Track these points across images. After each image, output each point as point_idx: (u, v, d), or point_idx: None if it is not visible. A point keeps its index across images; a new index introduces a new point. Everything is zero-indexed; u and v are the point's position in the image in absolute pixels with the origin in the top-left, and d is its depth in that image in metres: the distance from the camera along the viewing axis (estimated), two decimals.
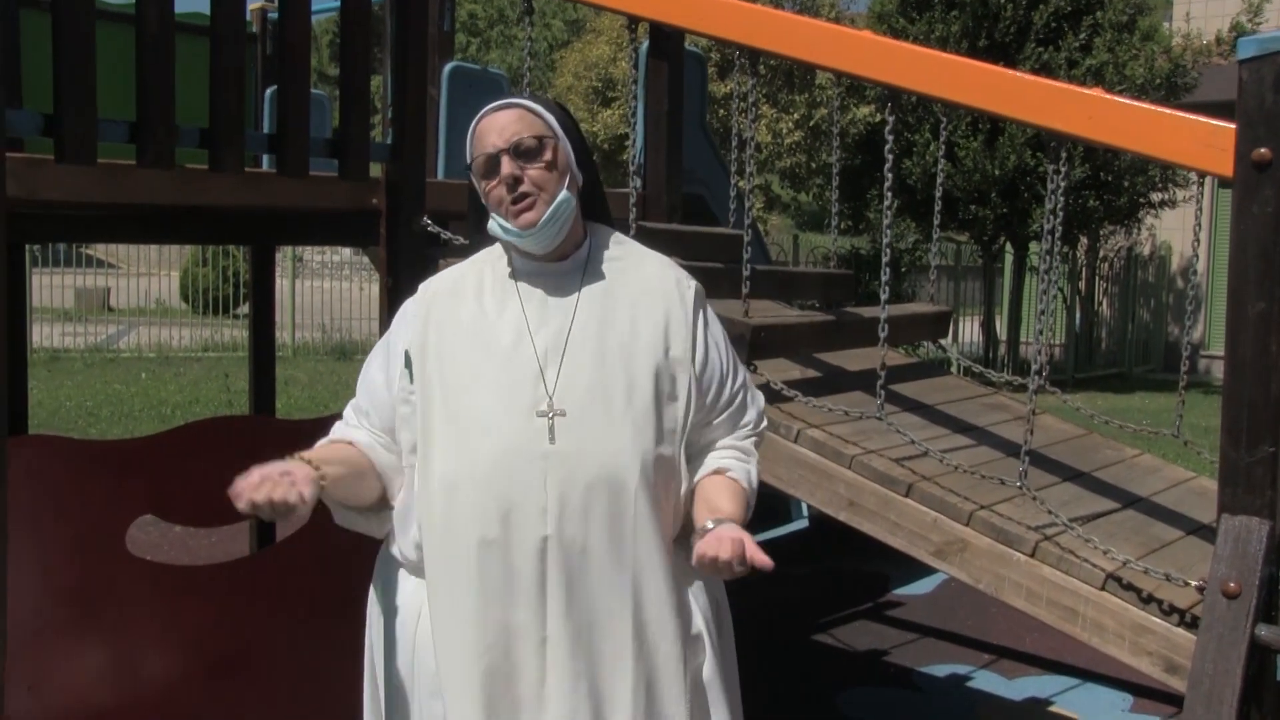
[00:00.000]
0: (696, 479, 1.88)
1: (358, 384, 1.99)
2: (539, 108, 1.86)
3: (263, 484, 1.65)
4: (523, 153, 1.81)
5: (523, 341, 1.82)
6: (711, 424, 1.92)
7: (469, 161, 1.87)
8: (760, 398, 2.02)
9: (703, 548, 1.68)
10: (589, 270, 1.89)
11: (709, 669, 1.89)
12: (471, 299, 1.88)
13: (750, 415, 1.97)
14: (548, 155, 1.83)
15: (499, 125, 1.83)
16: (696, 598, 1.90)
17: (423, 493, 1.83)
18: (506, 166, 1.80)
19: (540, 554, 1.75)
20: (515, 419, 1.78)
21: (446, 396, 1.82)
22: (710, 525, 1.73)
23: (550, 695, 1.76)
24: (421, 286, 1.95)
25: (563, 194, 1.83)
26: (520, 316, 1.85)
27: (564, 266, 1.88)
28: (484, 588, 1.77)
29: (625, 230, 2.50)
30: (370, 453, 1.91)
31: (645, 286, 1.90)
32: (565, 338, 1.82)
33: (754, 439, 1.97)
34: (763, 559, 1.65)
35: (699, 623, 1.88)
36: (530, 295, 1.86)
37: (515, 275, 1.89)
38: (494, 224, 1.85)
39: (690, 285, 1.93)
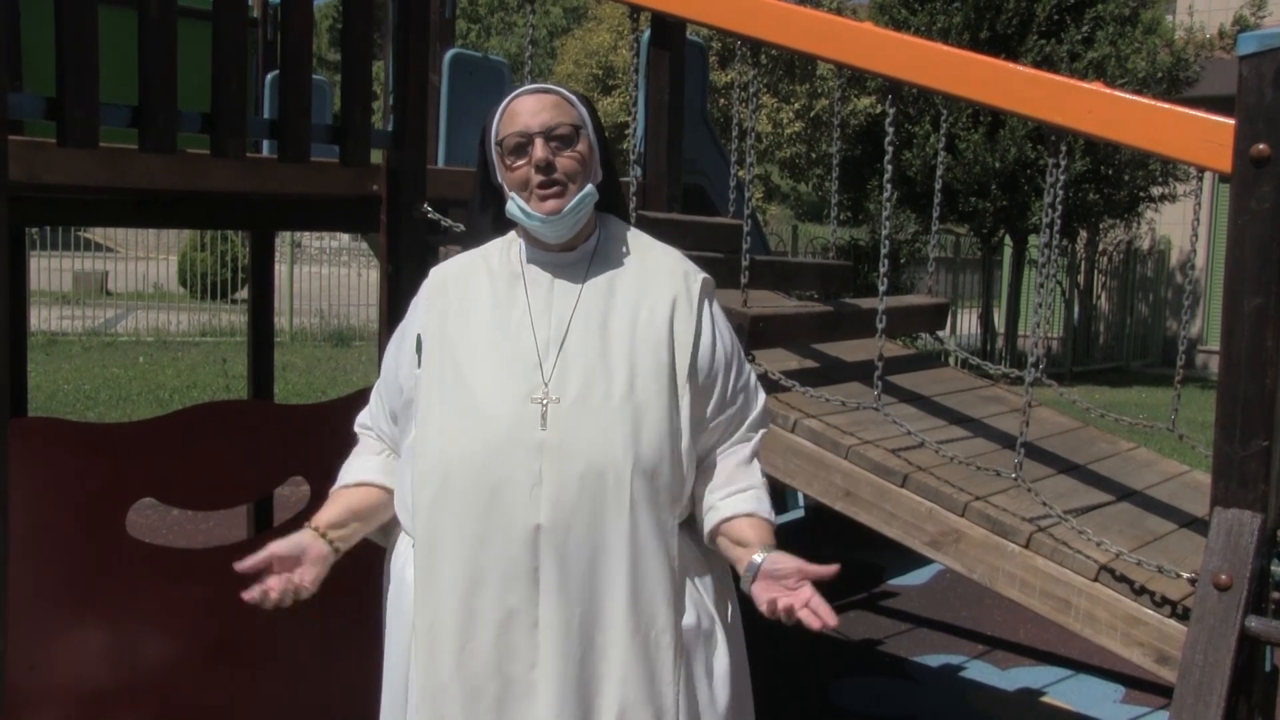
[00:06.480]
0: (722, 518, 1.87)
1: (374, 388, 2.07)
2: (574, 98, 1.87)
3: (271, 576, 1.83)
4: (557, 138, 1.81)
5: (524, 329, 1.83)
6: (712, 422, 1.90)
7: (496, 140, 1.85)
8: (763, 397, 2.00)
9: (776, 597, 1.76)
10: (596, 261, 1.89)
11: (720, 660, 1.88)
12: (481, 285, 1.89)
13: (753, 415, 1.96)
14: (580, 146, 1.83)
15: (533, 108, 1.83)
16: (704, 590, 1.89)
17: (415, 476, 1.84)
18: (540, 150, 1.80)
19: (533, 540, 1.75)
20: (510, 405, 1.78)
21: (445, 380, 1.82)
22: (760, 560, 1.80)
23: (540, 679, 1.76)
24: (432, 272, 1.96)
25: (588, 187, 1.84)
26: (525, 304, 1.85)
27: (571, 256, 1.88)
28: (475, 572, 1.77)
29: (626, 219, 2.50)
30: (384, 480, 1.98)
31: (652, 278, 1.89)
32: (566, 326, 1.82)
33: (756, 440, 1.95)
34: (828, 616, 1.72)
35: (705, 614, 1.87)
36: (536, 283, 1.87)
37: (523, 263, 1.89)
38: (513, 206, 1.84)
39: (698, 277, 1.92)
